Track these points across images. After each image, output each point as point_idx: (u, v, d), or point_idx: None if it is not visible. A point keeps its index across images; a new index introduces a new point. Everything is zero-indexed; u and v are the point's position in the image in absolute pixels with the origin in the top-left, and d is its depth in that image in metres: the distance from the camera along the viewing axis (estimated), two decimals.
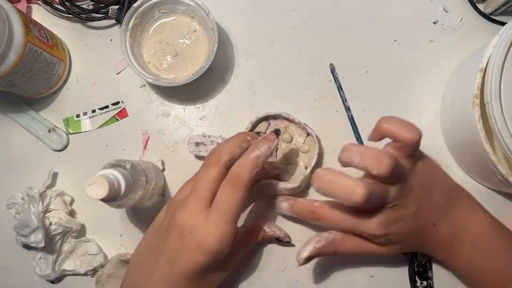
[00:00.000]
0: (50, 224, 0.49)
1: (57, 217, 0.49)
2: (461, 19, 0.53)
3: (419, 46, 0.53)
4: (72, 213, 0.52)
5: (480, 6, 0.53)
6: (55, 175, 0.53)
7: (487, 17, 0.52)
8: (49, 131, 0.53)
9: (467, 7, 0.53)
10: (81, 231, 0.52)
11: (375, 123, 0.39)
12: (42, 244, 0.47)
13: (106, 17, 0.52)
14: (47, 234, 0.48)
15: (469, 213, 0.43)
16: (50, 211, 0.50)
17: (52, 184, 0.52)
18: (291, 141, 0.51)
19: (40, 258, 0.50)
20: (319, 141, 0.50)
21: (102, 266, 0.51)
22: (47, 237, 0.48)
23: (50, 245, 0.49)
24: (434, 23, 0.53)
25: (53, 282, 0.52)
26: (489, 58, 0.40)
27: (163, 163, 0.52)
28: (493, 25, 0.52)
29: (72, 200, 0.52)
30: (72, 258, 0.51)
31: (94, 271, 0.50)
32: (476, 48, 0.50)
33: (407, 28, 0.53)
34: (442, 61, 0.52)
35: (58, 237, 0.49)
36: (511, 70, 0.39)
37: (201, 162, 0.51)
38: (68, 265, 0.51)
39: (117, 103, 0.53)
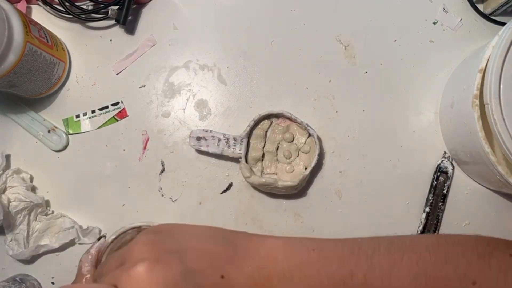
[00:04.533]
0: (10, 201, 0.49)
1: (15, 193, 0.49)
2: (461, 19, 0.53)
3: (419, 46, 0.53)
4: (33, 190, 0.52)
5: (480, 7, 0.53)
6: (7, 157, 0.52)
7: (486, 17, 0.52)
8: (49, 131, 0.53)
9: (467, 7, 0.53)
10: (47, 206, 0.52)
11: None
12: (0, 217, 0.47)
13: (106, 17, 0.52)
14: (9, 211, 0.48)
15: (258, 250, 0.33)
16: (10, 188, 0.50)
17: (7, 166, 0.52)
18: (292, 140, 0.51)
19: (11, 240, 0.50)
20: (320, 142, 0.50)
21: (79, 238, 0.51)
22: (9, 215, 0.48)
23: (17, 224, 0.49)
24: (434, 23, 0.53)
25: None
26: (488, 59, 0.40)
27: (162, 164, 0.52)
28: (492, 26, 0.52)
29: (31, 177, 0.53)
30: (48, 237, 0.51)
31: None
32: (475, 49, 0.50)
33: (407, 28, 0.53)
34: (442, 61, 0.52)
35: (22, 214, 0.49)
36: (511, 70, 0.39)
37: (201, 157, 0.52)
38: (42, 242, 0.51)
39: (117, 103, 0.53)
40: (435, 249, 0.33)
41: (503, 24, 0.52)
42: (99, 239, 0.45)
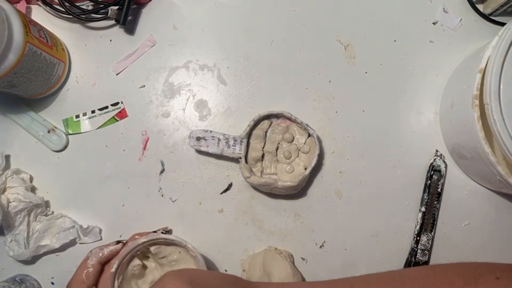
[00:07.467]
0: (9, 201, 0.49)
1: (15, 193, 0.49)
2: (461, 19, 0.53)
3: (419, 46, 0.53)
4: (33, 190, 0.52)
5: (480, 7, 0.53)
6: (7, 157, 0.52)
7: (486, 17, 0.52)
8: (49, 131, 0.53)
9: (467, 7, 0.53)
10: (47, 207, 0.52)
11: None
12: None
13: (106, 17, 0.52)
14: (9, 212, 0.48)
15: None
16: (9, 188, 0.50)
17: (7, 166, 0.52)
18: (292, 140, 0.51)
19: (11, 241, 0.50)
20: (320, 142, 0.50)
21: (80, 237, 0.51)
22: (9, 216, 0.48)
23: (16, 225, 0.49)
24: (434, 23, 0.53)
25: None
26: (488, 59, 0.40)
27: (162, 164, 0.52)
28: (492, 26, 0.52)
29: (31, 178, 0.53)
30: (48, 237, 0.51)
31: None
32: (475, 49, 0.50)
33: (407, 28, 0.53)
34: (442, 62, 0.52)
35: (22, 214, 0.49)
36: (511, 70, 0.39)
37: (201, 157, 0.52)
38: (42, 242, 0.51)
39: (117, 103, 0.53)
40: (424, 280, 0.35)
41: (503, 24, 0.52)
42: (117, 242, 0.46)
